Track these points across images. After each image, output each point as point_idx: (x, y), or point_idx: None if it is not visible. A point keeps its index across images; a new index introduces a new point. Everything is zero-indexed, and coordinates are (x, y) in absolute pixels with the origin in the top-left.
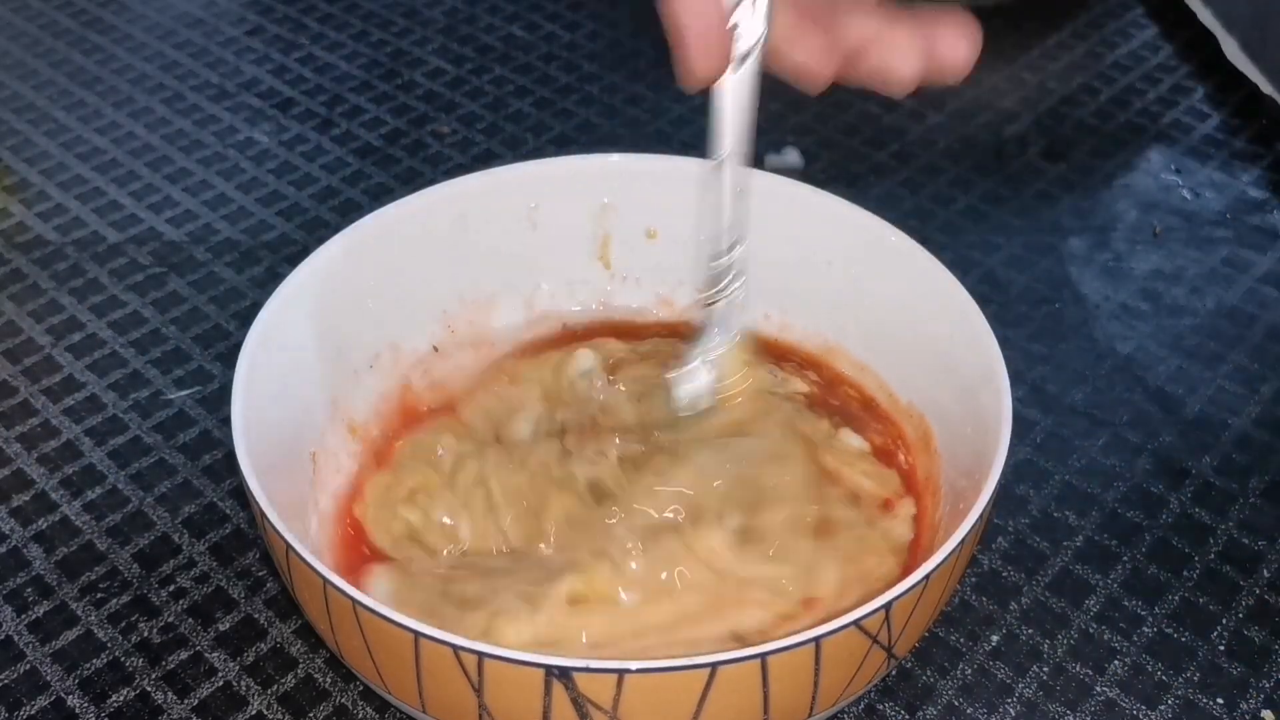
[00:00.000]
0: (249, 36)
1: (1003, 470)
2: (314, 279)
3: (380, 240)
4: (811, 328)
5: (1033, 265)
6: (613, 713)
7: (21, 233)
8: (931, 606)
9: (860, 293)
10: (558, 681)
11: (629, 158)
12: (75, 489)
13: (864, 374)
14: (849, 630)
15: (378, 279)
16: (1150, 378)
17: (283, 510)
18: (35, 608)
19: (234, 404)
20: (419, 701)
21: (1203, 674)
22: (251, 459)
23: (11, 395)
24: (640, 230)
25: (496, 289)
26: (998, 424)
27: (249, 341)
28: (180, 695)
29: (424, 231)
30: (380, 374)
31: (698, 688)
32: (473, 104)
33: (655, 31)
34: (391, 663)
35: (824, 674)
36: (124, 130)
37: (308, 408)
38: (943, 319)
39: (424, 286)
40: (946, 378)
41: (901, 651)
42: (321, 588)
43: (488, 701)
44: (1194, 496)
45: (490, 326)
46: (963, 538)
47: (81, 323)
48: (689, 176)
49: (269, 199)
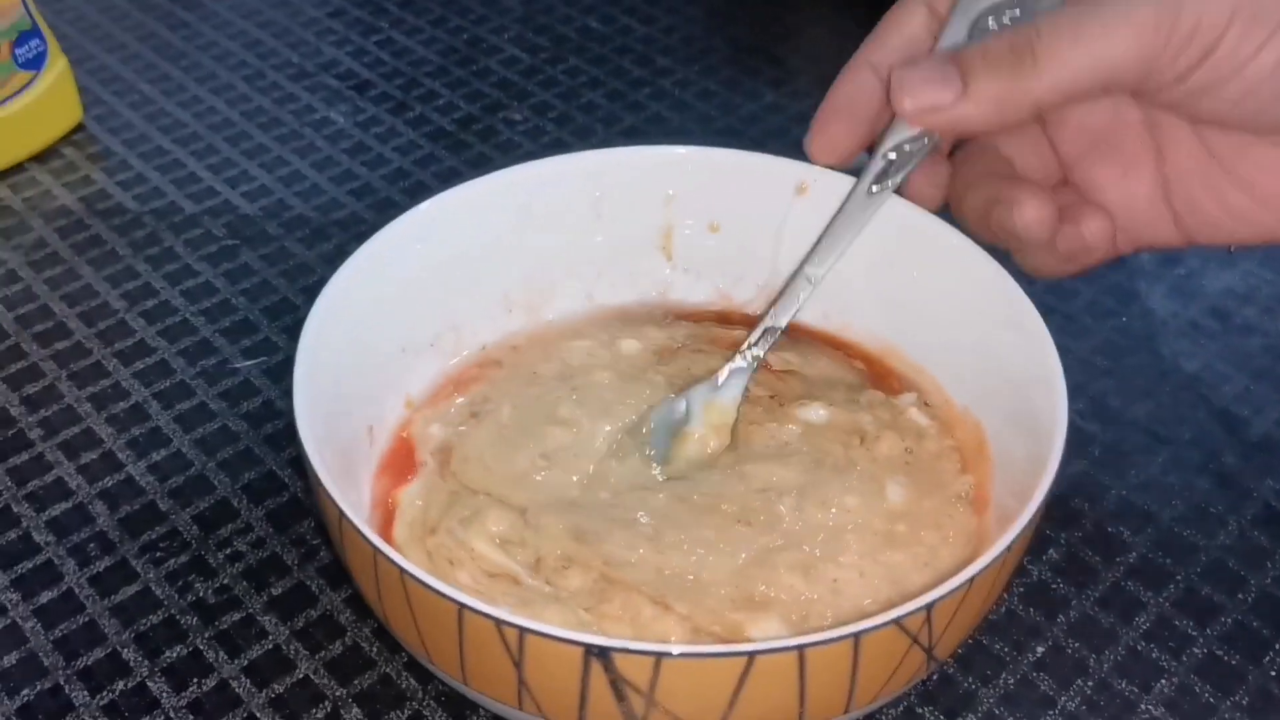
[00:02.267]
0: (330, 18)
1: (1057, 481)
2: (377, 258)
3: (445, 223)
4: (869, 328)
5: (1100, 278)
6: (649, 695)
7: (102, 200)
8: (975, 611)
9: (919, 295)
10: (596, 660)
11: (695, 150)
12: (141, 450)
13: (921, 376)
14: (889, 628)
15: (440, 261)
16: (1215, 397)
17: (338, 480)
18: (97, 563)
19: (296, 375)
20: (460, 673)
21: (1252, 699)
22: (311, 429)
23: (85, 356)
24: (704, 223)
25: (558, 276)
26: (1052, 432)
27: (313, 316)
28: (231, 655)
29: (488, 216)
30: (440, 354)
31: (735, 675)
32: (545, 93)
33: (730, 29)
34: (436, 633)
35: (862, 670)
36: (205, 105)
37: (367, 383)
38: (1002, 324)
39: (487, 270)
40: (1003, 384)
41: (942, 654)
42: (372, 556)
43: (527, 676)
44: (1254, 519)
45: (550, 313)
46: (1009, 543)
47: (155, 290)
48: (753, 171)
49: (341, 178)
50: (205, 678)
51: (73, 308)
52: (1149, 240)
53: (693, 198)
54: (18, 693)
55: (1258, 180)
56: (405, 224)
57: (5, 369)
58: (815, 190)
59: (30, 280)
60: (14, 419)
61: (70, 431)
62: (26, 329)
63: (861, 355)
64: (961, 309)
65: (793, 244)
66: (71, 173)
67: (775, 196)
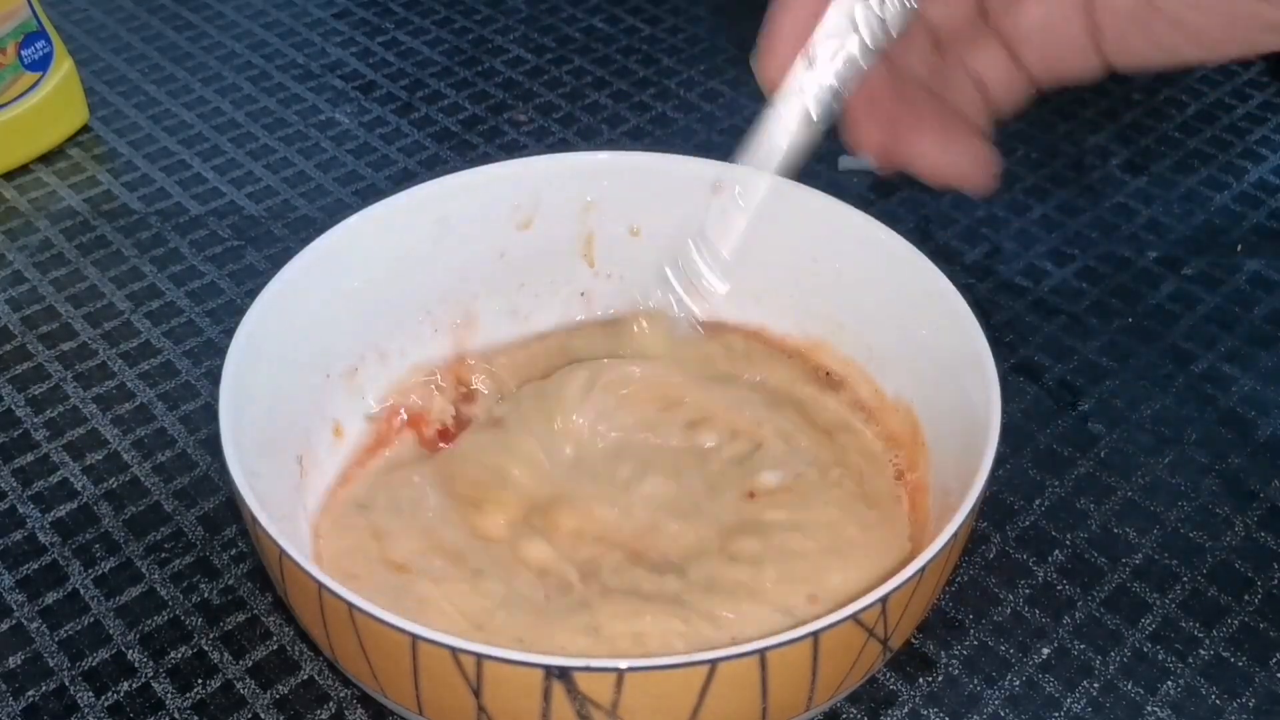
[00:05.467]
0: (335, 19)
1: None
2: (294, 284)
3: (360, 244)
4: (796, 323)
5: (1106, 279)
6: (613, 712)
7: (108, 201)
8: (926, 599)
9: (845, 289)
10: (557, 681)
11: (611, 155)
12: (146, 451)
13: (849, 369)
14: (847, 624)
15: (359, 283)
16: (1223, 398)
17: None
18: (102, 563)
19: (222, 414)
20: (416, 705)
21: (1259, 700)
22: (241, 466)
23: (91, 357)
24: (624, 228)
25: (479, 290)
26: (987, 414)
27: (233, 350)
28: (235, 656)
29: (405, 233)
30: (365, 377)
31: (697, 684)
32: (550, 94)
33: (735, 28)
34: (388, 666)
35: (822, 668)
36: (211, 106)
37: (294, 412)
38: (929, 311)
39: (408, 288)
40: (935, 371)
41: (896, 644)
42: (316, 592)
43: (486, 703)
44: (1260, 520)
45: (474, 327)
46: (955, 530)
47: (160, 291)
48: (670, 172)
49: (346, 179)
50: (210, 678)
51: (78, 309)
52: (1066, 71)
53: (612, 203)
54: (23, 693)
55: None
56: (320, 248)
57: (11, 370)
58: (731, 188)
59: (36, 281)
60: (19, 420)
61: (75, 432)
62: (32, 330)
63: (792, 350)
64: (888, 299)
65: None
66: (77, 174)
67: (693, 197)
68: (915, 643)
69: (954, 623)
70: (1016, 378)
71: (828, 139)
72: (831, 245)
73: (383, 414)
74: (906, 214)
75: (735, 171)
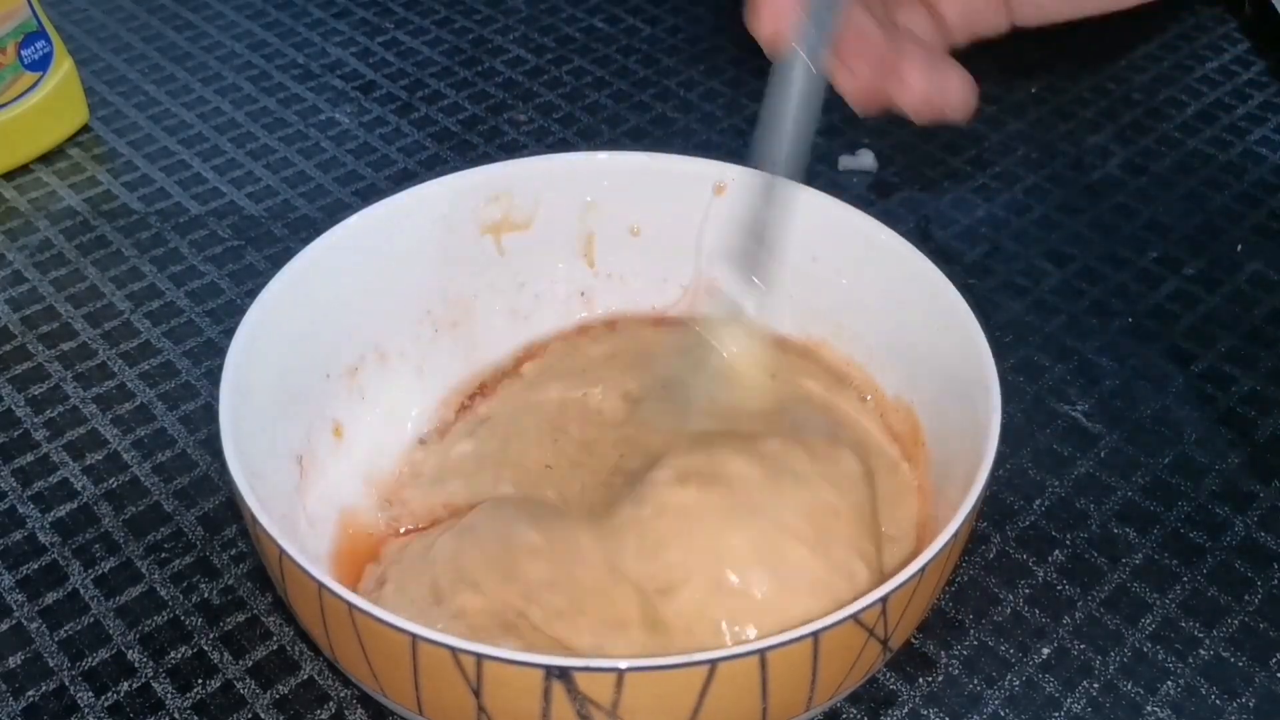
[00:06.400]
0: (335, 19)
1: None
2: (293, 284)
3: (361, 242)
4: (796, 323)
5: (1106, 279)
6: (613, 712)
7: (108, 201)
8: (926, 599)
9: (845, 289)
10: (557, 681)
11: (612, 155)
12: (146, 451)
13: (850, 368)
14: (847, 624)
15: (359, 283)
16: (1223, 398)
17: (274, 515)
18: (102, 564)
19: (222, 415)
20: (417, 706)
21: (1259, 701)
22: (241, 466)
23: (90, 357)
24: (624, 228)
25: (479, 289)
26: (988, 415)
27: (232, 350)
28: (235, 656)
29: (406, 232)
30: (365, 377)
31: (698, 684)
32: (550, 94)
33: (735, 28)
34: (387, 666)
35: (822, 668)
36: (210, 106)
37: (294, 413)
38: (929, 312)
39: (408, 288)
40: (935, 370)
41: (896, 644)
42: (316, 592)
43: (486, 703)
44: (1260, 521)
45: (474, 327)
46: (955, 530)
47: (160, 291)
48: (671, 173)
49: (346, 179)
50: (210, 679)
51: (78, 309)
52: (981, 30)
53: (612, 203)
54: (23, 693)
55: None
56: (320, 248)
57: (11, 370)
58: (734, 189)
59: (36, 281)
60: (19, 420)
61: (75, 432)
62: (32, 330)
63: (794, 349)
64: (888, 299)
65: (713, 244)
66: (77, 174)
67: (694, 197)
68: (915, 643)
69: (954, 623)
70: (1016, 378)
71: (828, 139)
72: (831, 245)
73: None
74: (906, 214)
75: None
